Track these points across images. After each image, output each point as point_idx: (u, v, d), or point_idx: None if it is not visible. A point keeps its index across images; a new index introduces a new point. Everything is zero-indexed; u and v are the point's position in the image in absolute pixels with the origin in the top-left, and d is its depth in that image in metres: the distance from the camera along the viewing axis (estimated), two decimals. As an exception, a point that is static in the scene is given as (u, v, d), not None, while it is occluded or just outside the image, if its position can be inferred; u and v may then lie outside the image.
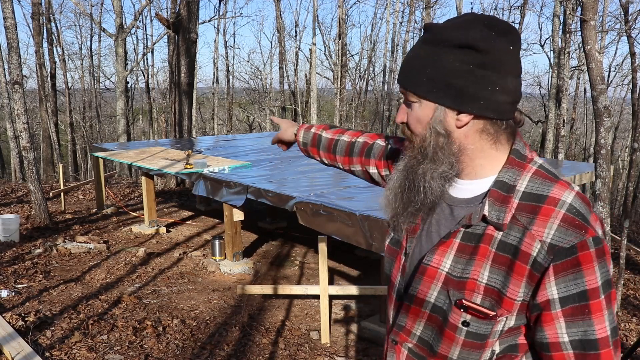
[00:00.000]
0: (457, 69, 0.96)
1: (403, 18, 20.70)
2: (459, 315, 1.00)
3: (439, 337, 1.05)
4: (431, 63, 0.98)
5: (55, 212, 7.56)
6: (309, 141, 1.56)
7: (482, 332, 0.99)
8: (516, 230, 0.96)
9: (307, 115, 20.23)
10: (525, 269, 0.94)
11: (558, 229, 0.92)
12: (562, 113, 12.02)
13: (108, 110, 24.72)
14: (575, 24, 11.52)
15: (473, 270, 0.99)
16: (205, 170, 5.68)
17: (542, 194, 0.96)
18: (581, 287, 0.91)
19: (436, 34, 0.98)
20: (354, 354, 3.95)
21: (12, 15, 6.47)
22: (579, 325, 0.93)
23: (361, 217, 4.04)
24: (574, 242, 0.91)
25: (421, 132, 1.03)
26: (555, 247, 0.91)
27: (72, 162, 20.97)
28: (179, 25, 10.59)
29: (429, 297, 1.05)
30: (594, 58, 3.45)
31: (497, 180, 1.00)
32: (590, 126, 20.43)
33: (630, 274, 6.43)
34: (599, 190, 4.46)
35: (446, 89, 0.97)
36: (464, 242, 1.01)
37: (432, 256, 1.05)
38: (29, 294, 4.62)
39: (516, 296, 0.95)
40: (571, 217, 0.93)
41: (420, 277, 1.06)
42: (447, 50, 0.96)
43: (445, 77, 0.97)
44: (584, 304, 0.92)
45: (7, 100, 12.74)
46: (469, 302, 0.98)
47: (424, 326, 1.07)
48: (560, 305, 0.93)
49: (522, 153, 1.02)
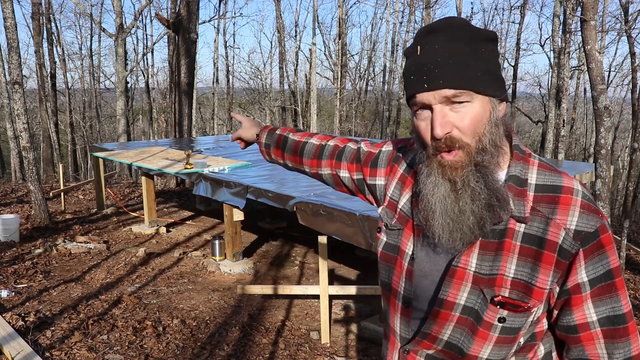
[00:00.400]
0: (495, 59, 0.99)
1: (403, 18, 20.72)
2: (495, 313, 1.00)
3: (470, 338, 1.04)
4: (479, 57, 0.96)
5: (55, 212, 7.56)
6: (273, 143, 1.51)
7: (517, 325, 1.01)
8: (539, 222, 0.98)
9: (307, 115, 20.24)
10: (553, 257, 0.97)
11: (580, 216, 0.96)
12: (562, 113, 12.02)
13: (108, 110, 24.71)
14: (576, 24, 11.52)
15: (501, 266, 0.99)
16: (205, 170, 5.68)
17: (556, 184, 1.00)
18: (607, 267, 0.97)
19: (466, 31, 0.96)
20: (354, 354, 3.95)
21: (12, 15, 6.47)
22: (607, 303, 0.98)
23: (361, 217, 4.04)
24: (597, 225, 0.96)
25: (479, 131, 0.96)
26: (582, 232, 0.96)
27: (72, 162, 20.96)
28: (179, 25, 10.59)
29: (459, 299, 1.03)
30: (594, 58, 3.45)
31: (511, 175, 1.01)
32: (590, 126, 20.44)
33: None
34: (599, 190, 4.47)
35: (497, 80, 0.98)
36: (486, 240, 1.00)
37: (460, 258, 1.03)
38: (29, 294, 4.62)
39: (545, 285, 0.98)
40: (587, 203, 0.98)
41: (450, 280, 1.03)
42: (484, 45, 0.97)
43: (494, 69, 0.98)
44: (611, 282, 0.97)
45: (7, 100, 12.74)
46: (505, 297, 0.99)
47: (452, 329, 1.05)
48: (590, 287, 0.97)
49: (521, 148, 1.05)
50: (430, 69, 0.94)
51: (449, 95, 0.94)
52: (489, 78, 0.96)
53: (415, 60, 0.97)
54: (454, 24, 0.97)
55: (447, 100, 0.94)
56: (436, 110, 0.95)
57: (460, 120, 0.95)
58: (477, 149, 0.96)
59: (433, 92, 0.94)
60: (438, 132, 0.94)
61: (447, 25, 0.97)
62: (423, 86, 0.95)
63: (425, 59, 0.95)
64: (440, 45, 0.95)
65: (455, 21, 0.98)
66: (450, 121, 0.95)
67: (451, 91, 0.93)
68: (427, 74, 0.94)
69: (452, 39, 0.95)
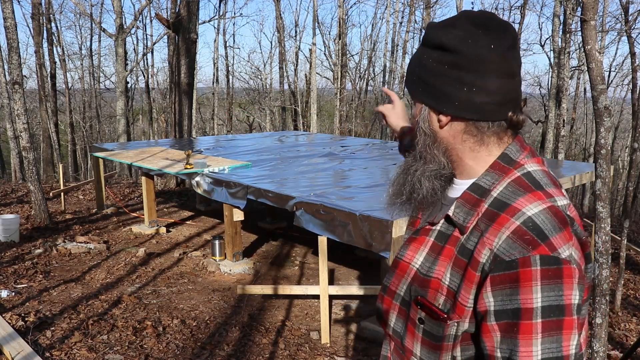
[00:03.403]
0: (434, 69, 0.98)
1: (403, 18, 20.71)
2: (416, 312, 1.02)
3: (405, 330, 1.07)
4: (418, 63, 1.02)
5: (55, 212, 7.56)
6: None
7: (436, 333, 0.99)
8: (475, 236, 0.95)
9: (307, 115, 20.23)
10: (475, 276, 0.92)
11: (506, 240, 0.89)
12: (562, 113, 12.02)
13: (108, 110, 24.70)
14: (576, 24, 11.52)
15: (437, 270, 0.99)
16: (205, 170, 5.68)
17: (506, 202, 0.93)
18: (515, 304, 0.86)
19: (424, 34, 1.01)
20: (354, 354, 3.95)
21: (12, 16, 6.47)
22: (508, 342, 0.88)
23: (361, 217, 4.04)
24: (516, 256, 0.87)
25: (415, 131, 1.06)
26: (498, 257, 0.89)
27: (72, 162, 20.96)
28: (179, 25, 10.59)
29: (399, 290, 1.07)
30: (594, 58, 3.45)
31: (474, 183, 1.00)
32: (590, 126, 20.44)
33: (630, 274, 6.43)
34: (599, 190, 4.46)
35: (427, 88, 1.00)
36: (436, 241, 1.03)
37: (405, 251, 1.08)
38: (29, 294, 4.62)
39: (467, 302, 0.93)
40: (523, 230, 0.88)
41: (394, 270, 1.10)
42: (428, 50, 0.99)
43: (427, 77, 0.99)
44: (515, 322, 0.87)
45: (7, 100, 12.74)
46: (424, 300, 0.99)
47: (395, 318, 1.10)
48: (495, 318, 0.89)
49: (511, 157, 0.99)
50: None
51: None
52: (421, 85, 1.01)
53: None
54: (429, 25, 1.02)
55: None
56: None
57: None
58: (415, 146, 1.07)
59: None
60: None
61: (428, 25, 1.03)
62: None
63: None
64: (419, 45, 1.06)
65: (440, 22, 1.00)
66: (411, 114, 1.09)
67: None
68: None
69: (420, 40, 1.07)
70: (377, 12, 42.82)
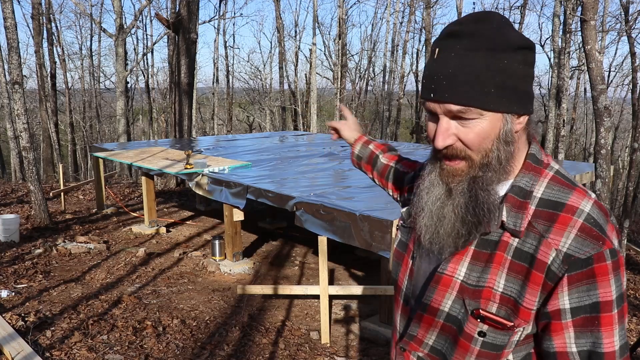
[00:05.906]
0: (519, 72, 0.90)
1: (403, 18, 20.72)
2: (475, 326, 0.97)
3: (452, 346, 1.02)
4: (497, 70, 0.88)
5: (55, 212, 7.56)
6: (365, 157, 1.56)
7: (499, 342, 0.96)
8: (532, 238, 0.93)
9: (307, 115, 20.23)
10: (541, 278, 0.91)
11: (575, 239, 0.89)
12: (562, 113, 12.02)
13: (108, 110, 24.70)
14: (576, 24, 11.53)
15: (489, 279, 0.95)
16: (205, 170, 5.68)
17: (559, 201, 0.93)
18: (594, 299, 0.89)
19: (491, 38, 0.89)
20: (354, 354, 3.95)
21: (12, 15, 6.47)
22: (588, 336, 0.90)
23: (361, 217, 4.04)
24: (591, 253, 0.88)
25: (486, 146, 0.92)
26: (571, 257, 0.89)
27: (72, 162, 20.97)
28: (179, 25, 10.59)
29: (443, 306, 1.01)
30: (594, 58, 3.45)
31: (514, 185, 0.96)
32: (590, 126, 20.44)
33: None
34: (599, 190, 4.47)
35: (515, 95, 0.91)
36: (479, 249, 0.97)
37: (447, 264, 1.01)
38: (29, 294, 4.62)
39: (532, 306, 0.93)
40: (589, 227, 0.90)
41: (435, 285, 1.02)
42: (509, 54, 0.89)
43: (514, 83, 0.90)
44: (595, 316, 0.89)
45: (7, 100, 12.74)
46: (486, 312, 0.95)
47: (437, 335, 1.04)
48: (571, 315, 0.90)
49: (538, 157, 0.99)
50: (440, 80, 0.90)
51: (453, 110, 0.90)
52: (504, 94, 0.89)
53: (430, 65, 0.94)
54: (480, 30, 0.89)
55: (452, 114, 0.91)
56: (441, 122, 0.93)
57: (465, 134, 0.92)
58: (480, 164, 0.94)
59: (438, 103, 0.92)
60: (439, 143, 0.93)
61: (472, 30, 0.89)
62: (430, 95, 0.92)
63: (438, 66, 0.91)
64: (456, 53, 0.89)
65: (483, 26, 0.89)
66: (454, 133, 0.92)
67: (456, 107, 0.90)
68: (436, 83, 0.91)
69: (472, 48, 0.88)
70: (377, 12, 42.86)
